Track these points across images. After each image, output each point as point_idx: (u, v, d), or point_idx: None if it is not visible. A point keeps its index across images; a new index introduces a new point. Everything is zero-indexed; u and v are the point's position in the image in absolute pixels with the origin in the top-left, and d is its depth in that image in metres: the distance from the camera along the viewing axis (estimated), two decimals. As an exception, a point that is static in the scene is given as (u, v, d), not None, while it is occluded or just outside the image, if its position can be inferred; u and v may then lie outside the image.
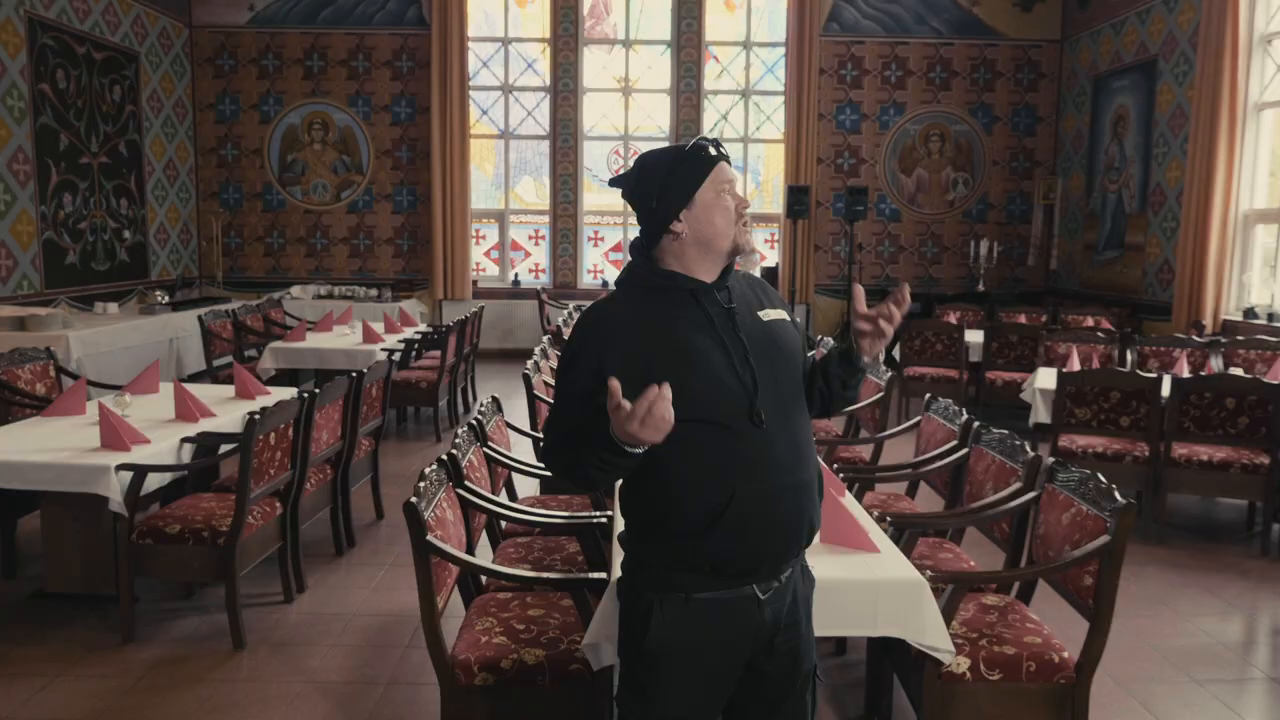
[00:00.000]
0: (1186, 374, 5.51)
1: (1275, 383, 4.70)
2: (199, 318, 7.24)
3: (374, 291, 10.14)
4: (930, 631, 2.42)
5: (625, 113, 11.10)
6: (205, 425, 4.06)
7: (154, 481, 3.67)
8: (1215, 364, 6.15)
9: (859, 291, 1.88)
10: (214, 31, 10.61)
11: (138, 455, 3.56)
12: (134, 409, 4.13)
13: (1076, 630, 2.84)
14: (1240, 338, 6.56)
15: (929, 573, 2.49)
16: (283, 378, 6.80)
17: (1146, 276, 9.06)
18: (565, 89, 10.81)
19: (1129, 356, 6.48)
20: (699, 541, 1.78)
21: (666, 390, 1.62)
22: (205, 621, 3.74)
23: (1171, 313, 8.27)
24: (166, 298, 9.13)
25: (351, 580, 4.25)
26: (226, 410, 4.34)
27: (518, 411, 5.82)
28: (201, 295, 10.29)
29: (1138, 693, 3.33)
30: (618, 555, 2.56)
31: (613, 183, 1.95)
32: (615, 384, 1.62)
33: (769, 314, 1.90)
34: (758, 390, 1.78)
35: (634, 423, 1.61)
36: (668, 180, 1.83)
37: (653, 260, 1.87)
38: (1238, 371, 5.61)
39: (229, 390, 4.77)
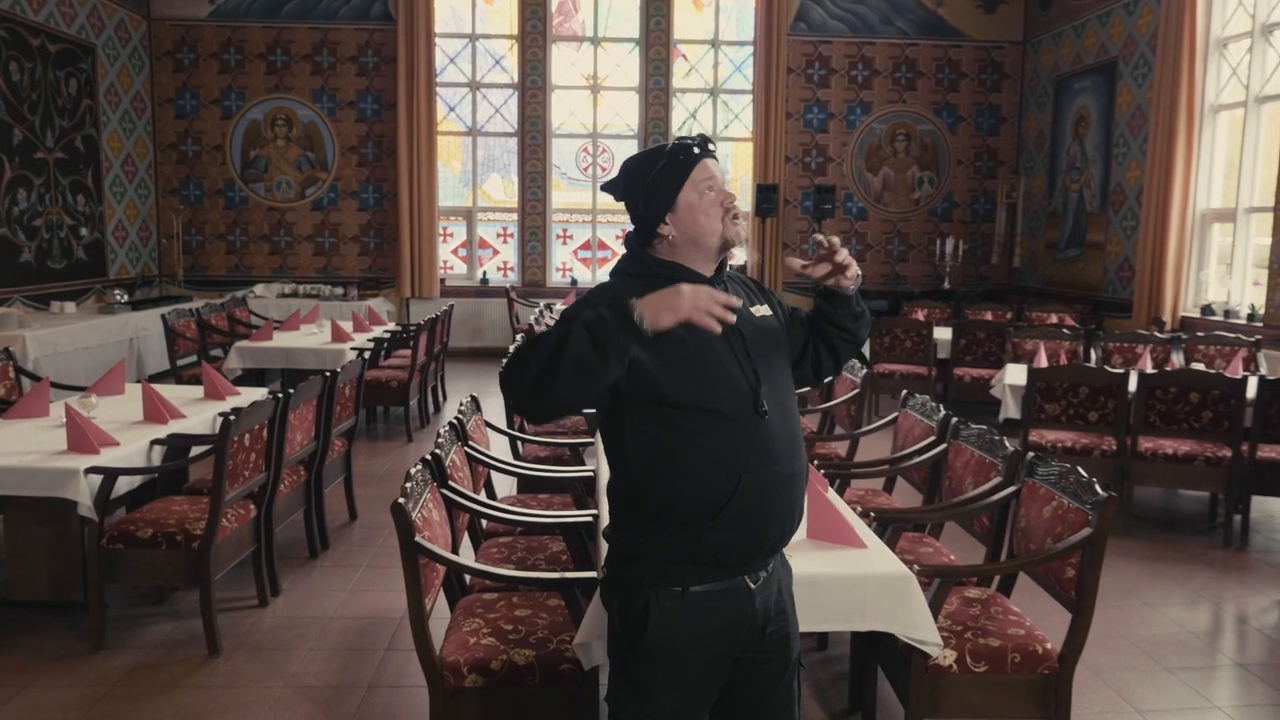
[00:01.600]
0: (1150, 370, 5.63)
1: (1237, 378, 4.81)
2: (162, 317, 7.09)
3: (339, 290, 10.02)
4: (918, 625, 2.44)
5: (594, 110, 11.07)
6: (175, 427, 3.98)
7: (122, 485, 3.58)
8: (1177, 359, 6.29)
9: (792, 262, 1.93)
10: (173, 24, 10.40)
11: (107, 458, 3.47)
12: (100, 410, 4.03)
13: (1053, 620, 2.89)
14: (1200, 334, 6.72)
15: (916, 567, 2.51)
16: (249, 377, 6.68)
17: (1107, 274, 9.23)
18: (533, 86, 10.76)
19: (1094, 353, 6.60)
20: (702, 531, 1.77)
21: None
22: (178, 627, 3.66)
23: (1132, 309, 8.44)
24: (125, 296, 8.94)
25: (327, 583, 4.20)
26: (196, 411, 4.26)
27: (491, 411, 5.77)
28: (162, 294, 10.11)
29: (1112, 681, 3.39)
30: (598, 554, 2.56)
31: (604, 188, 1.99)
32: None
33: (760, 310, 1.95)
34: (760, 381, 1.81)
35: (685, 293, 1.65)
36: (650, 184, 1.86)
37: (649, 254, 1.90)
38: (1199, 367, 5.74)
39: (197, 391, 4.68)
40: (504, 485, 4.56)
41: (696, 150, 1.86)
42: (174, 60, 10.47)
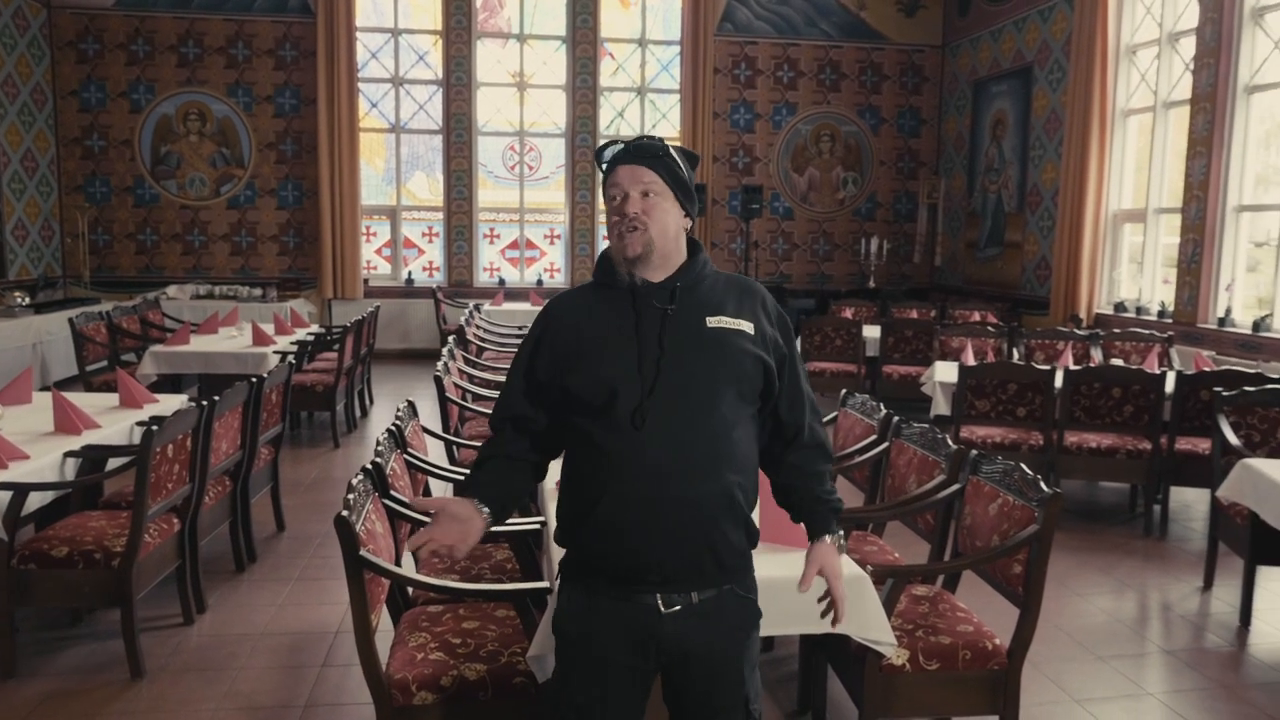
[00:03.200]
0: (1072, 366, 5.80)
1: (1156, 373, 4.99)
2: (69, 320, 6.72)
3: (258, 291, 9.70)
4: (873, 626, 2.44)
5: (520, 108, 10.94)
6: (90, 437, 3.75)
7: (33, 501, 3.37)
8: (1096, 355, 6.50)
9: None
10: (76, 13, 9.90)
11: (16, 473, 3.25)
12: (7, 421, 3.79)
13: (990, 612, 2.94)
14: (1117, 330, 6.97)
15: (869, 567, 2.51)
16: (165, 384, 6.39)
17: (1025, 272, 9.52)
18: (458, 82, 10.57)
19: (1016, 350, 6.78)
20: (578, 534, 1.83)
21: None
22: (97, 649, 3.46)
23: (1049, 307, 8.72)
24: (27, 299, 8.47)
25: (255, 598, 4.02)
26: (112, 421, 4.02)
27: (425, 415, 5.63)
28: (67, 296, 9.62)
29: (1049, 672, 3.47)
30: (551, 561, 2.50)
31: None
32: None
33: (725, 321, 1.82)
34: (651, 393, 1.75)
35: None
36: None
37: (610, 259, 1.90)
38: (1118, 362, 5.94)
39: (111, 399, 4.44)
40: (438, 491, 4.44)
41: (609, 161, 1.87)
42: (77, 51, 9.96)
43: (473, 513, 1.83)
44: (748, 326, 1.84)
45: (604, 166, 1.88)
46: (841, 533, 1.98)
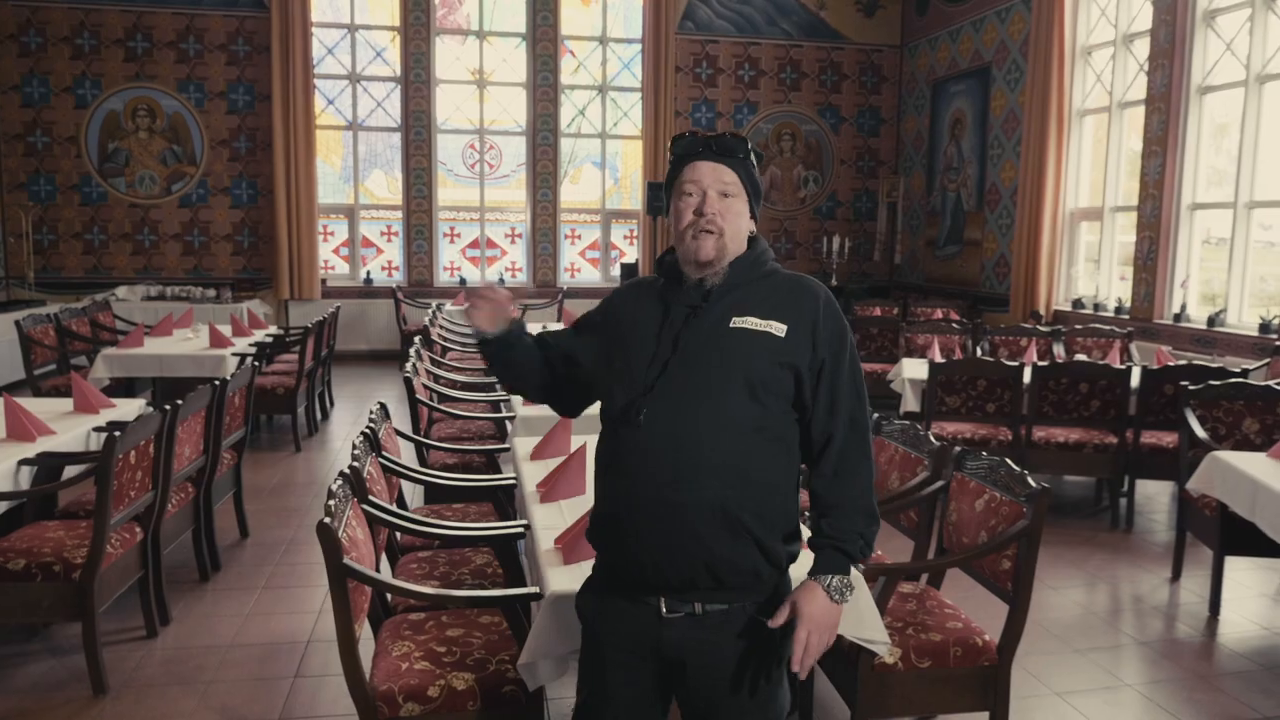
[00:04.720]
0: (1037, 362, 5.87)
1: (1122, 368, 5.06)
2: (16, 323, 6.47)
3: (211, 292, 9.45)
4: (867, 625, 2.41)
5: (480, 106, 10.80)
6: (45, 444, 3.60)
7: (-14, 511, 3.23)
8: (1059, 351, 6.59)
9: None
10: (17, 5, 9.55)
11: (-33, 482, 3.11)
12: (-46, 429, 3.62)
13: (975, 609, 2.94)
14: (1078, 326, 7.08)
15: (861, 566, 2.49)
16: (117, 388, 6.19)
17: (984, 270, 9.64)
18: (417, 79, 10.41)
19: (981, 346, 6.84)
20: (593, 527, 1.85)
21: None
22: (57, 665, 3.31)
23: (1009, 304, 8.83)
24: (-32, 301, 8.17)
25: (221, 608, 3.89)
26: (67, 427, 3.86)
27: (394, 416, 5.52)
28: (10, 298, 9.29)
29: (1028, 665, 3.49)
30: (536, 567, 2.45)
31: None
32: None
33: (750, 322, 1.73)
34: (650, 392, 1.72)
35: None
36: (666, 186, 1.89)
37: (663, 263, 1.89)
38: (1081, 358, 6.03)
39: (65, 404, 4.27)
40: (410, 494, 4.34)
41: (685, 153, 1.78)
42: (19, 44, 9.62)
43: (508, 314, 1.89)
44: (778, 329, 1.72)
45: (673, 158, 1.80)
46: (845, 581, 1.75)
